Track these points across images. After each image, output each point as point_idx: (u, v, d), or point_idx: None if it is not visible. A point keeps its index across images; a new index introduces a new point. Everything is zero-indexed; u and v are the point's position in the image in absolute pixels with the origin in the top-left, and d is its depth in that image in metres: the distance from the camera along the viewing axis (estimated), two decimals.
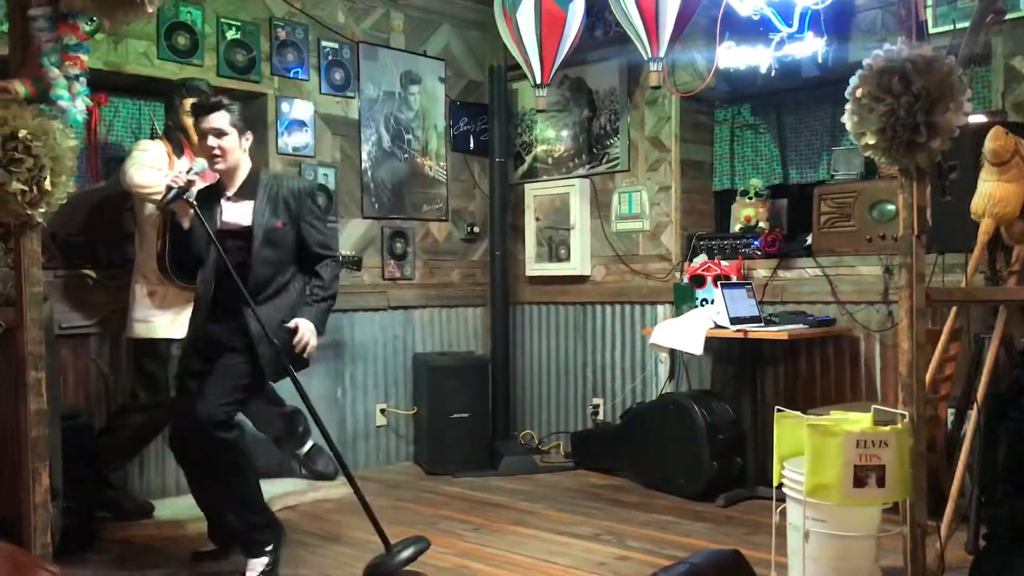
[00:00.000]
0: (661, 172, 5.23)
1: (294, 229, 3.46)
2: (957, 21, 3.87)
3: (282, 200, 3.45)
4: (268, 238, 3.40)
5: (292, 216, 3.45)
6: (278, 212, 3.43)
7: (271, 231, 3.40)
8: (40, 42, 2.87)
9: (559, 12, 4.42)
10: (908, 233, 2.84)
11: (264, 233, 3.39)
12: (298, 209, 3.47)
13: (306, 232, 3.48)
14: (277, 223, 3.42)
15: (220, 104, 3.38)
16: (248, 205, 3.42)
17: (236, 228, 3.39)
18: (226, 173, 3.43)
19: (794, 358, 4.65)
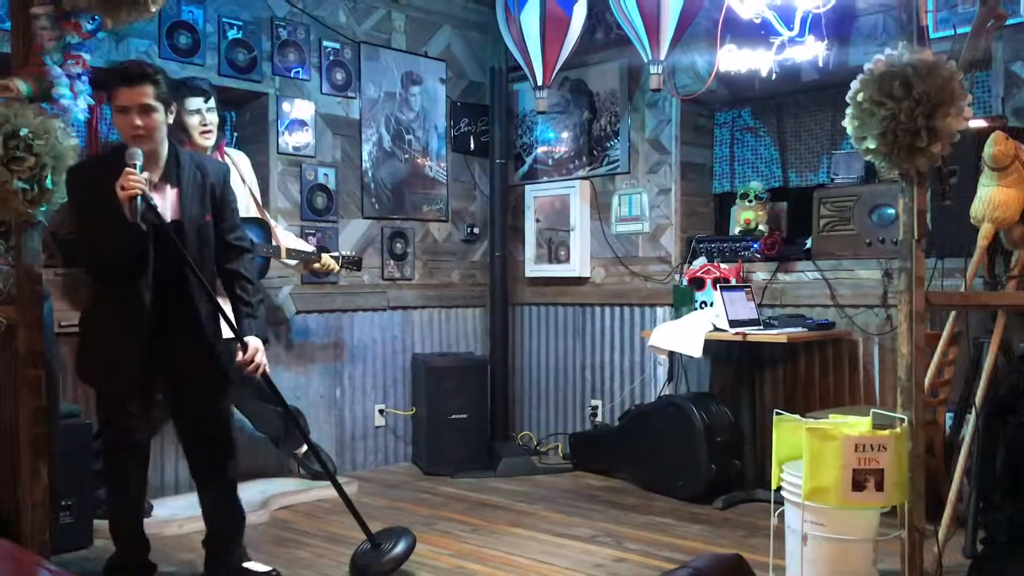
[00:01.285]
0: (661, 174, 5.24)
1: (217, 220, 3.04)
2: (958, 26, 3.88)
3: (208, 187, 3.02)
4: (199, 234, 2.97)
5: (216, 207, 3.04)
6: (205, 202, 3.00)
7: (202, 226, 2.98)
8: (43, 40, 2.88)
9: (563, 14, 4.42)
10: (908, 237, 2.84)
11: (194, 230, 2.96)
12: (222, 196, 3.06)
13: (225, 217, 3.06)
14: (206, 216, 3.00)
15: (146, 74, 2.86)
16: (171, 194, 2.95)
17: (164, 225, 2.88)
18: (148, 155, 2.89)
19: (793, 361, 4.66)
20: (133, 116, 2.84)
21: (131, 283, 2.89)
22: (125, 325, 2.92)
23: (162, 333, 2.95)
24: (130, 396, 3.02)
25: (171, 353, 3.02)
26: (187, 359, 3.05)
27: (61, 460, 3.30)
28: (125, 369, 2.95)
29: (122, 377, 2.97)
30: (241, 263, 3.10)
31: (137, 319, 2.90)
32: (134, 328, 2.91)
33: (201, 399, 3.12)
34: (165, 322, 2.95)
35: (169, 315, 2.95)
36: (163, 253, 2.88)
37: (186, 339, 3.00)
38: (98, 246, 2.91)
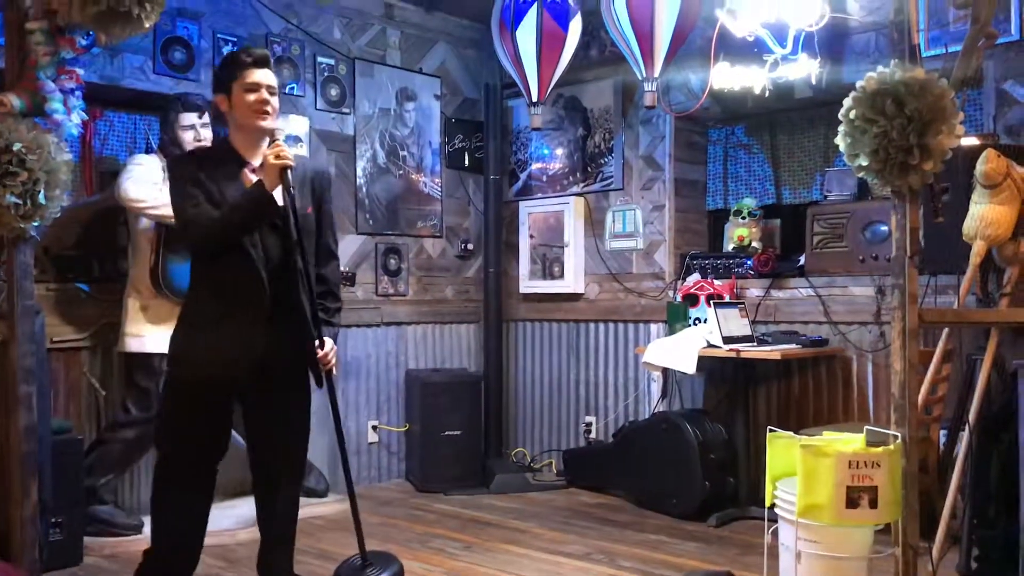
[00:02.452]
0: (655, 191, 5.25)
1: (315, 217, 2.99)
2: (949, 45, 3.90)
3: (309, 181, 2.98)
4: (302, 226, 2.88)
5: (315, 201, 2.99)
6: (307, 196, 2.95)
7: (306, 217, 2.91)
8: (37, 56, 2.88)
9: (559, 31, 4.44)
10: (901, 254, 2.85)
11: (301, 218, 2.87)
12: (323, 192, 3.03)
13: (324, 222, 3.02)
14: (308, 208, 2.94)
15: (270, 60, 2.96)
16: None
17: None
18: (253, 141, 2.91)
19: (787, 378, 4.66)
20: (263, 93, 2.86)
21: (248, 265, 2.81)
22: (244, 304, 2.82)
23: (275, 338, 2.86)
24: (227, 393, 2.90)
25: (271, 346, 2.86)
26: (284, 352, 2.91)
27: (51, 476, 3.28)
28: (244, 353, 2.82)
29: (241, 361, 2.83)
30: (330, 268, 3.06)
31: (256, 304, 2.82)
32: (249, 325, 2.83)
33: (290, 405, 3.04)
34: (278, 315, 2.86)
35: (278, 305, 2.86)
36: (276, 237, 2.86)
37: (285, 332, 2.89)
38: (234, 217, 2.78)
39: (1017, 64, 3.74)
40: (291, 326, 2.90)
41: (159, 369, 3.98)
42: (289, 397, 3.03)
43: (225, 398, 2.94)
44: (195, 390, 2.87)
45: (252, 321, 2.84)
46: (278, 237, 2.86)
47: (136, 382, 4.05)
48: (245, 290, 2.83)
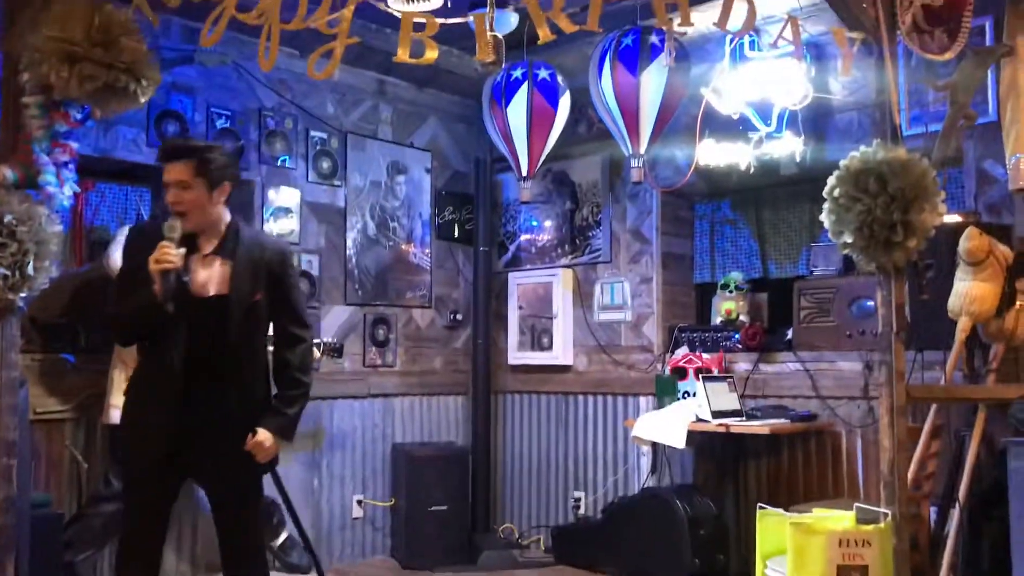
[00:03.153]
0: (643, 264, 5.29)
1: (270, 300, 2.94)
2: (929, 124, 3.99)
3: (264, 265, 2.94)
4: (247, 311, 2.87)
5: (272, 285, 2.95)
6: (259, 280, 2.91)
7: (252, 304, 2.89)
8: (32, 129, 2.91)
9: (548, 109, 4.53)
10: (887, 331, 2.87)
11: (242, 307, 2.87)
12: (280, 275, 2.97)
13: (283, 304, 2.97)
14: (257, 294, 2.91)
15: (185, 150, 2.89)
16: (224, 268, 2.88)
17: (209, 297, 2.86)
18: (201, 230, 2.89)
19: (776, 453, 4.63)
20: (171, 191, 2.85)
21: (163, 356, 2.81)
22: (157, 398, 2.83)
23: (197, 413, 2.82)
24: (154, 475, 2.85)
25: (206, 436, 2.84)
26: (223, 443, 2.87)
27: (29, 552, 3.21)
28: (153, 447, 2.82)
29: (150, 455, 2.83)
30: (294, 353, 2.98)
31: (168, 393, 2.80)
32: (166, 402, 2.81)
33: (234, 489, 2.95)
34: (200, 401, 2.82)
35: (204, 394, 2.83)
36: (196, 328, 2.81)
37: (222, 421, 2.86)
38: (123, 311, 2.87)
39: (995, 144, 3.82)
40: (223, 412, 2.85)
41: None
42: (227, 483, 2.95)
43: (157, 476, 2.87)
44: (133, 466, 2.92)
45: (167, 407, 2.81)
46: (208, 323, 2.81)
47: (119, 455, 3.99)
48: (161, 375, 2.83)
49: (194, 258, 2.87)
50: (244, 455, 2.88)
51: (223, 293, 2.87)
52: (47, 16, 2.83)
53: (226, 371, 2.86)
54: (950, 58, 3.13)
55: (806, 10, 3.77)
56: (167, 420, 2.81)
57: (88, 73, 2.77)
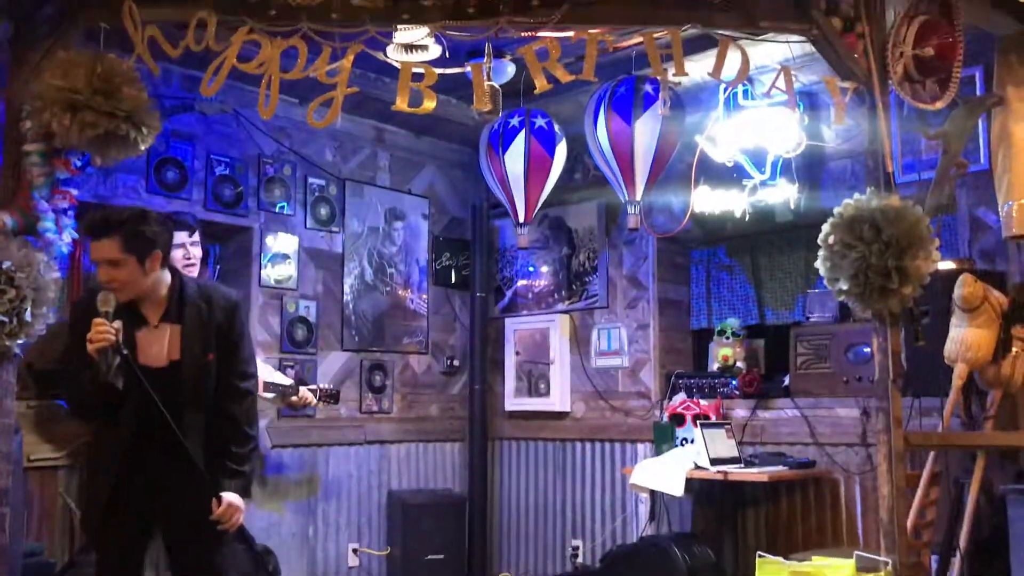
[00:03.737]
0: (639, 310, 5.30)
1: (218, 357, 2.83)
2: (922, 172, 4.03)
3: (214, 324, 2.83)
4: (199, 375, 2.79)
5: (220, 342, 2.83)
6: (209, 340, 2.81)
7: (204, 366, 2.79)
8: (32, 176, 2.94)
9: (545, 156, 4.57)
10: (884, 377, 2.87)
11: (195, 371, 2.78)
12: (228, 332, 2.86)
13: (230, 359, 2.86)
14: (209, 355, 2.80)
15: (109, 225, 2.70)
16: (173, 332, 2.78)
17: (163, 367, 2.76)
18: (141, 302, 2.78)
19: (775, 500, 4.59)
20: (102, 269, 2.70)
21: (114, 425, 2.75)
22: (105, 465, 2.77)
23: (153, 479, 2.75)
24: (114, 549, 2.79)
25: (163, 503, 2.78)
26: (179, 510, 2.79)
27: None
28: (95, 512, 2.78)
29: (93, 518, 2.79)
30: (241, 408, 2.88)
31: (114, 460, 2.74)
32: (112, 468, 2.74)
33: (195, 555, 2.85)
34: (156, 467, 2.75)
35: (159, 460, 2.74)
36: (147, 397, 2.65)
37: (180, 486, 2.76)
38: (73, 391, 2.81)
39: (988, 192, 3.85)
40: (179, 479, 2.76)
41: None
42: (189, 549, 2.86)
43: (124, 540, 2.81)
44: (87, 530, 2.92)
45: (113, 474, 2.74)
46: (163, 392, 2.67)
47: None
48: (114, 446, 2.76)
49: (142, 330, 2.77)
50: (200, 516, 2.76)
51: (175, 359, 2.78)
52: (50, 64, 2.87)
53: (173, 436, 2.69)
54: (941, 107, 3.17)
55: (799, 60, 3.82)
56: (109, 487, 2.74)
57: (89, 121, 2.80)
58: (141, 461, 2.74)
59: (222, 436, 2.85)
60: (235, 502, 2.79)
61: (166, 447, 2.71)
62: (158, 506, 2.80)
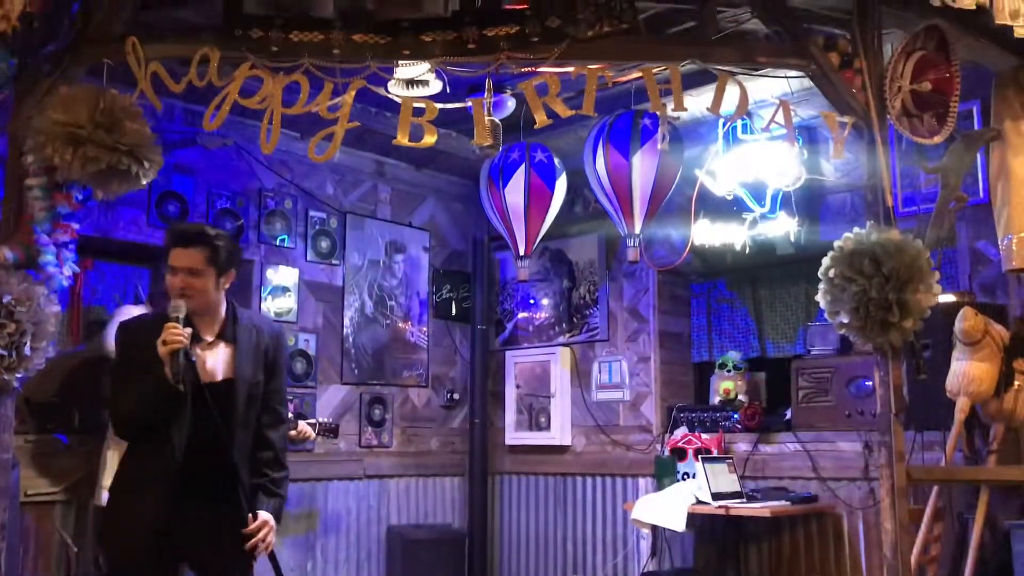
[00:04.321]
0: (640, 343, 5.29)
1: (267, 386, 2.93)
2: (922, 205, 4.04)
3: (263, 349, 2.93)
4: (250, 395, 2.87)
5: (267, 367, 2.94)
6: (258, 363, 2.91)
7: (253, 386, 2.88)
8: (34, 210, 2.95)
9: (545, 189, 4.59)
10: (886, 411, 2.86)
11: (247, 388, 2.86)
12: (275, 359, 2.97)
13: (273, 385, 2.95)
14: (258, 376, 2.91)
15: (198, 237, 2.85)
16: (226, 352, 2.87)
17: (219, 382, 2.83)
18: (202, 315, 2.86)
19: (777, 535, 4.55)
20: (180, 276, 2.79)
21: (164, 442, 2.73)
22: (151, 485, 2.73)
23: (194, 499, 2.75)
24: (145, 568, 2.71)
25: (202, 521, 2.77)
26: (218, 529, 2.79)
27: None
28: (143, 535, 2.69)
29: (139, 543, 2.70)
30: (278, 433, 2.97)
31: (164, 480, 2.72)
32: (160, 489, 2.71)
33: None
34: (198, 487, 2.75)
35: (204, 479, 2.75)
36: (202, 412, 2.73)
37: (219, 507, 2.78)
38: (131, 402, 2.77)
39: (988, 225, 3.86)
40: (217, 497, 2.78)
41: None
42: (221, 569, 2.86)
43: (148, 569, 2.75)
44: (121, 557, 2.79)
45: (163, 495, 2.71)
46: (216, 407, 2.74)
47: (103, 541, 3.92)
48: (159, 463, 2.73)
49: (198, 345, 2.83)
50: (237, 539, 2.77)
51: (229, 377, 2.84)
52: (52, 100, 2.89)
53: (223, 455, 2.76)
54: (939, 142, 3.19)
55: (797, 95, 3.86)
56: (162, 509, 2.71)
57: (91, 155, 2.81)
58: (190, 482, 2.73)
59: (260, 460, 2.91)
60: (270, 521, 2.82)
61: (215, 466, 2.75)
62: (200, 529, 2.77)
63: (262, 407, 2.92)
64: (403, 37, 3.03)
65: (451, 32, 3.03)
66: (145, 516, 2.70)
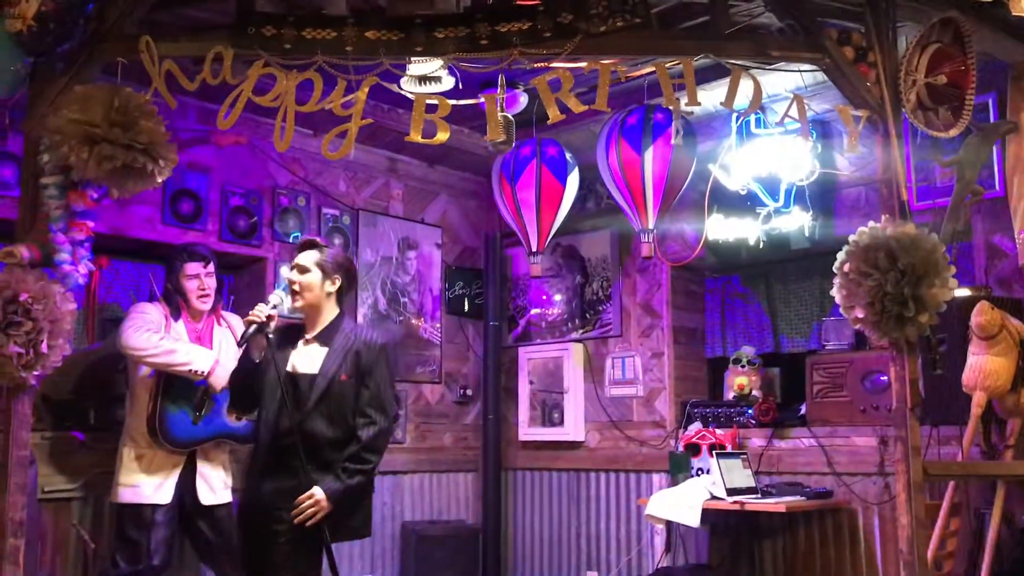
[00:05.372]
0: (653, 338, 5.28)
1: (357, 384, 3.25)
2: (937, 199, 4.02)
3: (354, 351, 3.27)
4: (329, 390, 3.20)
5: (360, 369, 3.25)
6: (346, 364, 3.24)
7: (334, 383, 3.22)
8: (49, 209, 2.97)
9: (557, 185, 4.58)
10: (901, 406, 2.85)
11: (326, 384, 3.20)
12: (369, 363, 3.27)
13: (366, 388, 3.25)
14: (343, 375, 3.23)
15: (313, 243, 3.40)
16: (319, 352, 3.27)
17: (302, 373, 3.24)
18: (308, 315, 3.33)
19: (792, 531, 4.53)
20: (292, 274, 3.33)
21: (260, 420, 3.28)
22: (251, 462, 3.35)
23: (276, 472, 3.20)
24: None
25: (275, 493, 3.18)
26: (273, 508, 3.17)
27: None
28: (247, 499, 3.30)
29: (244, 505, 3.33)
30: (367, 433, 3.22)
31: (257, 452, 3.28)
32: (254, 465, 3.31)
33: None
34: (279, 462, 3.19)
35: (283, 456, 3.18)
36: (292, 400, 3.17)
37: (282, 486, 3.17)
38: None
39: (1004, 218, 3.84)
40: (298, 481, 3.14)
41: (150, 521, 3.88)
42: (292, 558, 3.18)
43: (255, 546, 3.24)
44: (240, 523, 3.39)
45: (260, 472, 3.24)
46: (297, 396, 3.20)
47: (126, 534, 3.93)
48: (258, 444, 3.30)
49: (300, 340, 3.33)
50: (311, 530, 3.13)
51: (312, 372, 3.24)
52: (68, 99, 2.90)
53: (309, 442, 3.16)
54: (955, 135, 3.17)
55: (811, 88, 3.83)
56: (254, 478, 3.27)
57: (107, 154, 2.82)
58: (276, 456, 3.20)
59: (347, 453, 3.21)
60: (317, 495, 3.10)
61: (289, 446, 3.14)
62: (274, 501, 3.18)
63: (355, 409, 3.24)
64: (416, 34, 3.03)
65: (464, 28, 3.03)
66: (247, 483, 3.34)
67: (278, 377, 3.16)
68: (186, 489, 3.88)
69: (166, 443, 3.84)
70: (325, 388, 3.20)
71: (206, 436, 3.90)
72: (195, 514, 3.91)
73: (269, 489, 3.18)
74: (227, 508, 4.02)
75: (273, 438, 3.19)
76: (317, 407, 3.19)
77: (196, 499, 3.89)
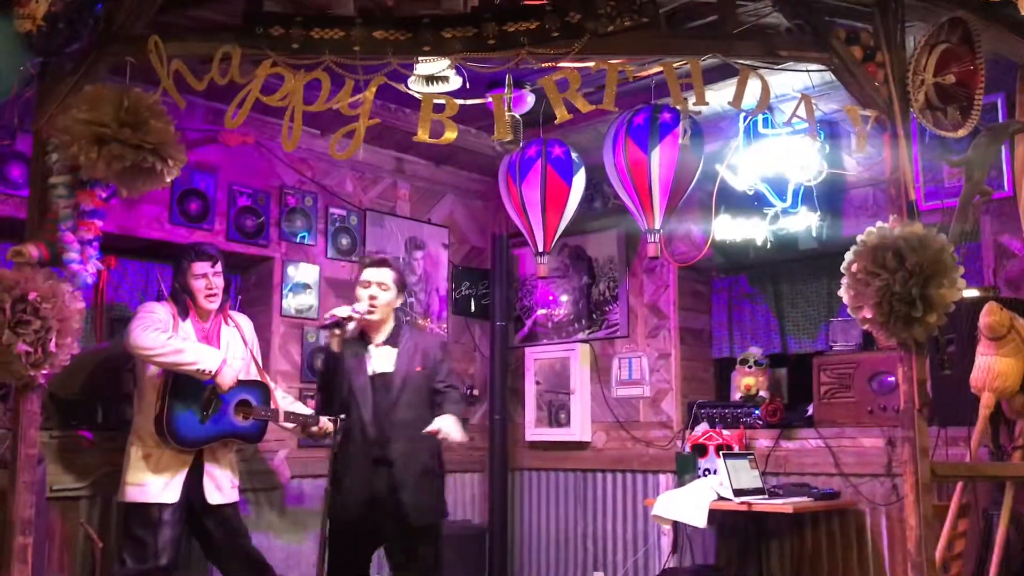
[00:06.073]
0: (660, 339, 5.27)
1: (431, 375, 3.80)
2: (945, 199, 4.00)
3: (421, 348, 3.85)
4: (410, 382, 3.74)
5: (430, 362, 3.81)
6: (416, 358, 3.80)
7: (412, 375, 3.76)
8: (58, 208, 2.98)
9: (563, 185, 4.58)
10: (909, 407, 2.84)
11: (406, 378, 3.74)
12: (435, 358, 3.85)
13: (437, 374, 3.83)
14: (417, 367, 3.77)
15: (387, 262, 3.87)
16: (391, 353, 3.78)
17: (383, 374, 3.73)
18: (375, 324, 3.79)
19: (799, 532, 4.53)
20: (371, 288, 3.76)
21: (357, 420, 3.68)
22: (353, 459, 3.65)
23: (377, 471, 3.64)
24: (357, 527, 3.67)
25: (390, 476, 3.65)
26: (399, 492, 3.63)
27: None
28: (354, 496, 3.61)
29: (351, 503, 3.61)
30: (448, 396, 3.78)
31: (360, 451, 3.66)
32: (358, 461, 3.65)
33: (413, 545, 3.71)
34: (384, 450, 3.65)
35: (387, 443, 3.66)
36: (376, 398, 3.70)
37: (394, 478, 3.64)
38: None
39: (1012, 219, 3.82)
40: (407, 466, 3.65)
41: (158, 520, 3.89)
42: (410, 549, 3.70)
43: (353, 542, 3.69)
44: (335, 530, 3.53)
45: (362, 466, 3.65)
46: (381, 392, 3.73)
47: (134, 533, 3.94)
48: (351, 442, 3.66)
49: (369, 348, 3.79)
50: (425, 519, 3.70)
51: (388, 371, 3.75)
52: (77, 99, 2.91)
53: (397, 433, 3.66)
54: (963, 135, 3.16)
55: (819, 88, 3.82)
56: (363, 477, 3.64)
57: (116, 153, 2.84)
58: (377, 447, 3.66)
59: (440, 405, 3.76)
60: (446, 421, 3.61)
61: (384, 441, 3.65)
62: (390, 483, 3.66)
63: (434, 391, 3.78)
64: (423, 33, 3.04)
65: (471, 28, 3.03)
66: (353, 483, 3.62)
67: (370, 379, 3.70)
68: (193, 489, 3.88)
69: (174, 442, 3.85)
70: (404, 380, 3.72)
71: (214, 436, 3.90)
72: (202, 514, 3.92)
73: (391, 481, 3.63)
74: (234, 508, 4.03)
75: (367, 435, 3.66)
76: (400, 397, 3.70)
77: (203, 499, 3.89)
